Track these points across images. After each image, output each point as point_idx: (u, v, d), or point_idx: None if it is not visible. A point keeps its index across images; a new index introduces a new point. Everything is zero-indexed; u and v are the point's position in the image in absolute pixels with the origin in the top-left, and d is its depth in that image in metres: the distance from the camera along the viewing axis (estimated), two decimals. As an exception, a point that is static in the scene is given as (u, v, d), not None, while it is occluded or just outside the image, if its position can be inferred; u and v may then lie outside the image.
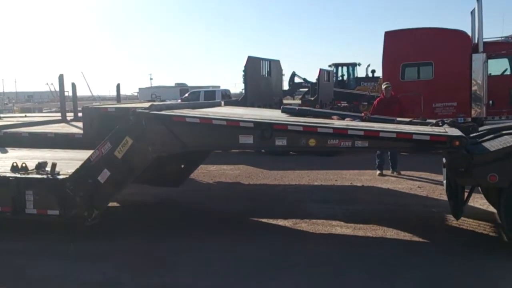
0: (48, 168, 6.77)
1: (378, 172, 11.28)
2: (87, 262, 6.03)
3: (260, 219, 7.82)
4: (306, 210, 8.23)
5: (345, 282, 5.23)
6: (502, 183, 5.66)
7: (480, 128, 7.15)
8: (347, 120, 7.49)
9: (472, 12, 14.70)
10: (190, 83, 56.29)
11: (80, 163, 6.69)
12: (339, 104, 21.01)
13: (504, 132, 6.28)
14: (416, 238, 6.64)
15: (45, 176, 6.67)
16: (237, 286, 5.21)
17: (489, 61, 14.47)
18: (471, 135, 6.68)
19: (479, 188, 7.03)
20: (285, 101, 21.19)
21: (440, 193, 9.12)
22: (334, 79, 25.70)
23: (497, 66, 15.58)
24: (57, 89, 15.79)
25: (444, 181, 7.33)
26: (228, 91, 33.55)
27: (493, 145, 5.87)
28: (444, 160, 6.35)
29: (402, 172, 11.24)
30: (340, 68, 28.51)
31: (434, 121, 7.47)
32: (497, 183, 5.68)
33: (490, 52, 14.51)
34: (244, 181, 11.20)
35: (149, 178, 8.47)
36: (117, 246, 6.60)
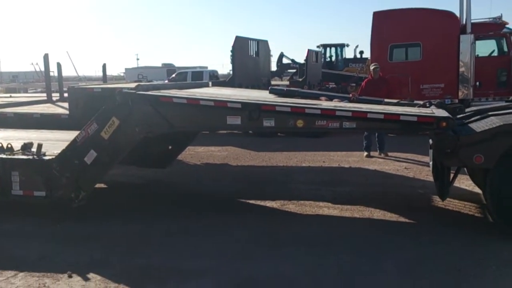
0: (34, 149, 6.71)
1: (365, 153, 11.31)
2: (74, 243, 6.00)
3: (248, 201, 7.84)
4: (293, 192, 8.25)
5: (332, 262, 5.26)
6: (487, 164, 5.69)
7: (467, 110, 7.18)
8: (335, 101, 7.48)
9: (460, -7, 14.69)
10: (177, 63, 56.03)
11: (66, 144, 6.63)
12: (327, 85, 21.00)
13: (490, 113, 6.30)
14: (402, 219, 6.69)
15: (31, 157, 6.61)
16: (223, 267, 5.22)
17: (477, 42, 14.51)
18: (458, 116, 6.71)
19: (465, 169, 7.09)
20: (273, 82, 21.12)
21: (426, 174, 9.18)
22: (322, 60, 25.64)
23: (485, 48, 15.64)
24: (42, 69, 15.64)
25: (430, 162, 7.37)
26: (216, 71, 33.43)
27: (479, 126, 5.89)
28: (430, 141, 6.39)
29: (389, 154, 11.29)
30: (328, 49, 28.43)
31: (421, 102, 7.48)
32: (483, 164, 5.71)
33: (477, 33, 14.54)
34: (232, 162, 11.20)
35: (136, 159, 8.44)
36: (105, 227, 6.58)
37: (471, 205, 7.17)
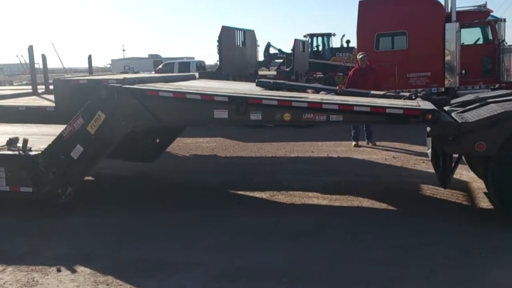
0: (19, 144, 6.64)
1: (353, 143, 11.35)
2: (63, 237, 5.98)
3: (237, 192, 7.84)
4: (283, 182, 8.26)
5: (321, 252, 5.29)
6: (489, 152, 5.64)
7: (465, 98, 7.20)
8: (321, 94, 7.49)
9: (446, -19, 14.73)
10: (164, 54, 55.38)
11: (52, 138, 6.58)
12: (314, 75, 21.01)
13: (489, 100, 6.30)
14: (391, 208, 6.74)
15: (16, 153, 6.55)
16: (214, 259, 5.22)
17: (462, 30, 14.57)
18: (454, 104, 6.72)
19: (463, 157, 7.09)
20: (260, 72, 21.08)
21: (414, 163, 9.25)
22: (309, 49, 25.63)
23: (470, 36, 15.71)
24: (27, 61, 15.45)
25: (429, 151, 7.37)
26: (203, 62, 33.18)
27: (480, 113, 5.86)
28: (428, 129, 6.38)
29: (377, 143, 11.32)
30: (315, 38, 28.39)
31: (407, 94, 7.51)
32: (485, 152, 5.66)
33: (463, 22, 14.60)
34: (220, 153, 11.18)
35: (123, 154, 8.38)
36: (93, 221, 6.54)
37: (458, 193, 7.22)
